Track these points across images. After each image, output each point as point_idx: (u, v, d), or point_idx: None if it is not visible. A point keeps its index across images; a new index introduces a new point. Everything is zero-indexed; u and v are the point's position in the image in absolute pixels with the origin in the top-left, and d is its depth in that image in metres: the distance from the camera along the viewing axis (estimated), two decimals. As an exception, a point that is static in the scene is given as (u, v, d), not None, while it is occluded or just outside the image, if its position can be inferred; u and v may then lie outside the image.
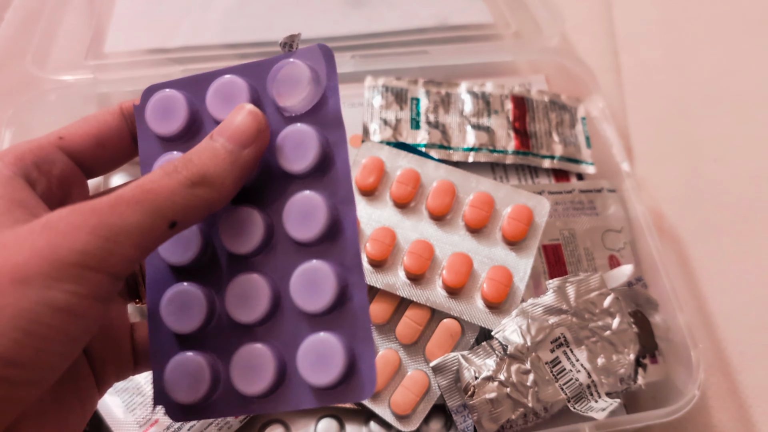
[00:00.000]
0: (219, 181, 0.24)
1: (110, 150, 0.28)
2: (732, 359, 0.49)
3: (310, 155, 0.27)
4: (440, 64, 0.51)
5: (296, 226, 0.27)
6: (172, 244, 0.28)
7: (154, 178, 0.23)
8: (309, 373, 0.26)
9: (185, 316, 0.27)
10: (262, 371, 0.26)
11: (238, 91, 0.28)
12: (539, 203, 0.42)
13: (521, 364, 0.37)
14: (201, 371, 0.27)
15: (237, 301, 0.27)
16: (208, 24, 0.54)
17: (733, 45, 0.64)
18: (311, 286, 0.26)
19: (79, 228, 0.21)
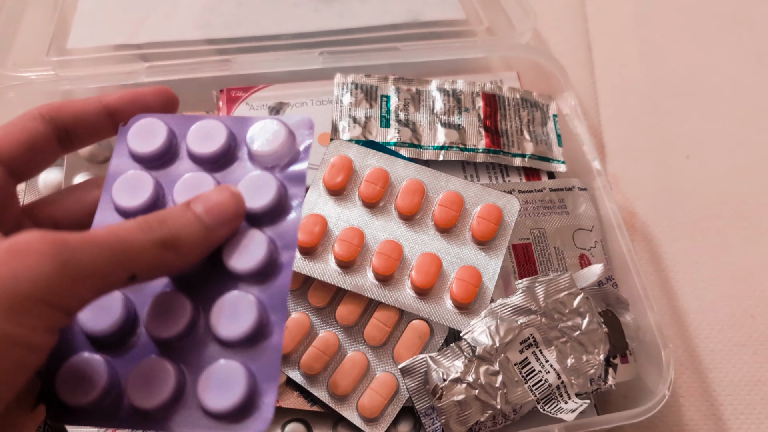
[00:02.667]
0: (187, 249, 0.25)
1: (39, 154, 0.27)
2: (703, 357, 0.49)
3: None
4: (411, 60, 0.51)
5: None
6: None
7: (128, 229, 0.23)
8: (207, 395, 0.25)
9: (100, 320, 0.27)
10: (160, 386, 0.25)
11: (217, 131, 0.29)
12: (509, 202, 0.42)
13: (490, 366, 0.36)
14: (96, 374, 0.26)
15: (158, 317, 0.27)
16: (175, 19, 0.53)
17: (705, 41, 0.64)
18: (232, 314, 0.26)
19: (45, 261, 0.21)
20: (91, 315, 0.27)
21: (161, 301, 0.27)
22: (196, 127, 0.30)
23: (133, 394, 0.25)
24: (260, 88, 0.48)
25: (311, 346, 0.39)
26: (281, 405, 0.39)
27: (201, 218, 0.25)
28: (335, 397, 0.38)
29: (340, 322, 0.40)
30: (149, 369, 0.26)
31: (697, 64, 0.63)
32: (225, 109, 0.47)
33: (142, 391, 0.25)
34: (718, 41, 0.64)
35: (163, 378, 0.26)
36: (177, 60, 0.48)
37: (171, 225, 0.24)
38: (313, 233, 0.40)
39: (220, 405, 0.25)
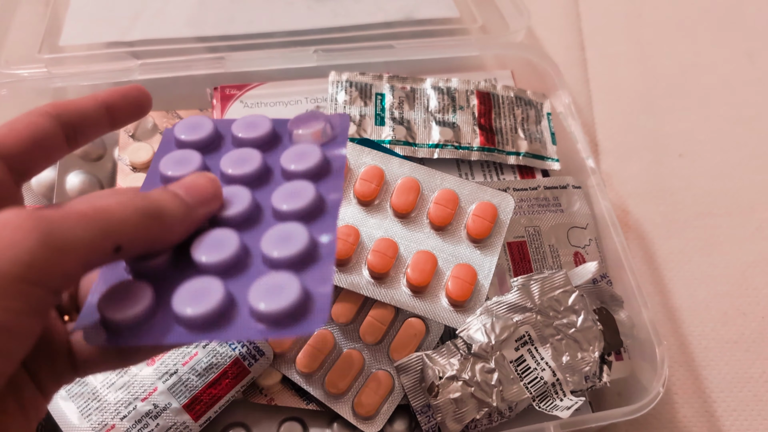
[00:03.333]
0: (170, 221, 0.25)
1: (45, 150, 0.27)
2: (696, 354, 0.49)
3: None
4: (405, 58, 0.51)
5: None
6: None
7: (107, 201, 0.23)
8: (258, 301, 0.25)
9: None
10: (206, 296, 0.25)
11: (261, 122, 0.32)
12: (504, 200, 0.42)
13: (485, 363, 0.36)
14: (140, 291, 0.26)
15: (202, 247, 0.27)
16: (168, 17, 0.52)
17: (697, 40, 0.64)
18: (282, 240, 0.27)
19: (26, 235, 0.20)
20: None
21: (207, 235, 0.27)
22: (241, 119, 0.32)
23: (179, 305, 0.25)
24: (254, 86, 0.48)
25: (307, 344, 0.39)
26: (276, 404, 0.39)
27: (181, 196, 0.26)
28: (331, 395, 0.38)
29: (336, 320, 0.40)
30: (196, 286, 0.26)
31: (689, 62, 0.63)
32: (219, 106, 0.47)
33: (188, 302, 0.25)
34: (709, 40, 0.64)
35: (211, 291, 0.25)
36: (170, 57, 0.48)
37: (154, 198, 0.25)
38: (308, 231, 0.40)
39: (272, 307, 0.25)
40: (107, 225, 0.22)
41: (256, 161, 0.30)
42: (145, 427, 0.37)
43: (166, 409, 0.37)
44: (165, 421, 0.37)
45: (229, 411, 0.39)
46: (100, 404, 0.37)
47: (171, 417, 0.37)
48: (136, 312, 0.25)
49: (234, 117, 0.47)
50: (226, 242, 0.27)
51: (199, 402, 0.38)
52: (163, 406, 0.37)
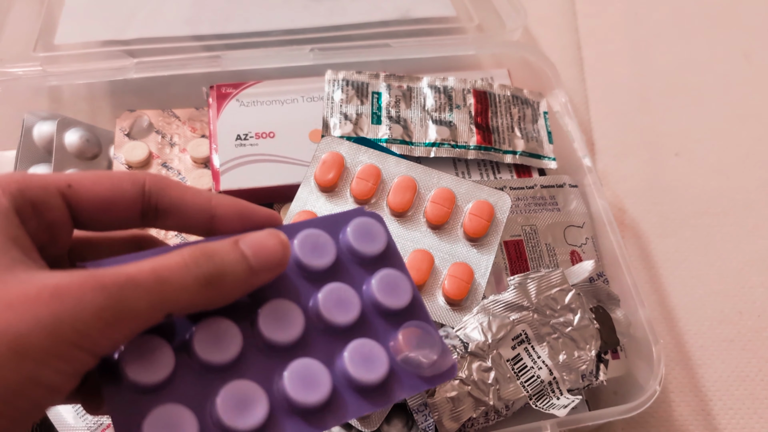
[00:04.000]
0: (229, 288, 0.24)
1: (113, 216, 0.26)
2: (693, 353, 0.49)
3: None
4: (402, 57, 0.51)
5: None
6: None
7: (171, 266, 0.22)
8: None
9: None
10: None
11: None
12: (500, 199, 0.42)
13: (482, 362, 0.36)
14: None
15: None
16: (163, 15, 0.52)
17: (693, 39, 0.65)
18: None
19: (85, 306, 0.20)
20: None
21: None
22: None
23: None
24: (251, 84, 0.48)
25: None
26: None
27: (248, 258, 0.24)
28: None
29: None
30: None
31: (686, 61, 0.63)
32: (215, 105, 0.47)
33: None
34: (705, 39, 0.65)
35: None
36: (165, 56, 0.48)
37: (218, 261, 0.24)
38: (305, 230, 0.40)
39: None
40: (166, 295, 0.22)
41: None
42: None
43: None
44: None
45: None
46: (96, 404, 0.37)
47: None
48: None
49: (229, 115, 0.47)
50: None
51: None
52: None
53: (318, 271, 0.29)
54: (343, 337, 0.28)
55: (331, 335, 0.28)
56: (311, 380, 0.26)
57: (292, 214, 0.41)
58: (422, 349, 0.28)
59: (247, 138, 0.46)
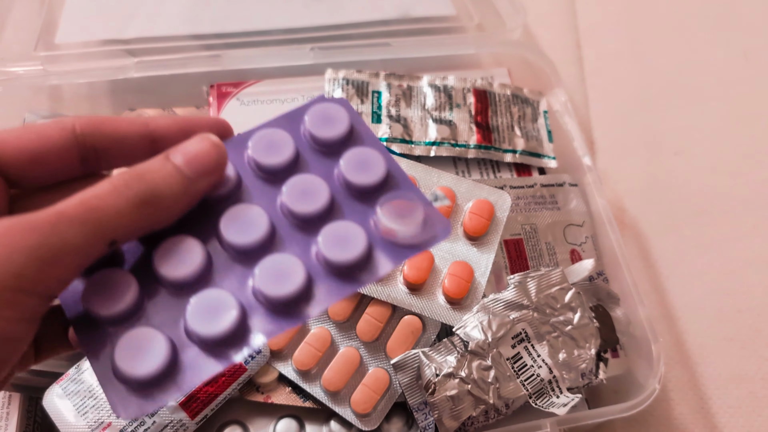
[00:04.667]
0: (168, 203, 0.23)
1: (46, 168, 0.25)
2: (692, 351, 0.49)
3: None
4: (402, 56, 0.51)
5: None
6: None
7: (100, 194, 0.22)
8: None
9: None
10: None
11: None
12: (500, 198, 0.42)
13: (482, 361, 0.36)
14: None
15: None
16: (164, 14, 0.52)
17: (693, 38, 0.64)
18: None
19: (16, 249, 0.20)
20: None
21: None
22: (358, 150, 0.29)
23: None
24: (251, 83, 0.48)
25: (304, 342, 0.39)
26: (273, 401, 0.39)
27: (181, 169, 0.24)
28: (328, 393, 0.38)
29: (333, 318, 0.40)
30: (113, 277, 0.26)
31: (685, 60, 0.63)
32: (215, 104, 0.47)
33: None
34: (705, 38, 0.64)
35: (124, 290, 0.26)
36: (166, 55, 0.48)
37: (149, 180, 0.23)
38: (305, 229, 0.40)
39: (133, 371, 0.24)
40: (100, 226, 0.22)
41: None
42: (141, 425, 0.37)
43: (162, 406, 0.37)
44: (161, 419, 0.37)
45: (225, 408, 0.39)
46: (96, 402, 0.37)
47: (167, 414, 0.37)
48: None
49: (230, 114, 0.47)
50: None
51: (196, 400, 0.37)
52: (159, 404, 0.37)
53: (278, 169, 0.29)
54: (316, 226, 0.28)
55: (302, 228, 0.28)
56: (283, 273, 0.26)
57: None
58: (406, 219, 0.27)
59: (247, 137, 0.46)
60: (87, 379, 0.38)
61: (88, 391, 0.37)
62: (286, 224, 0.28)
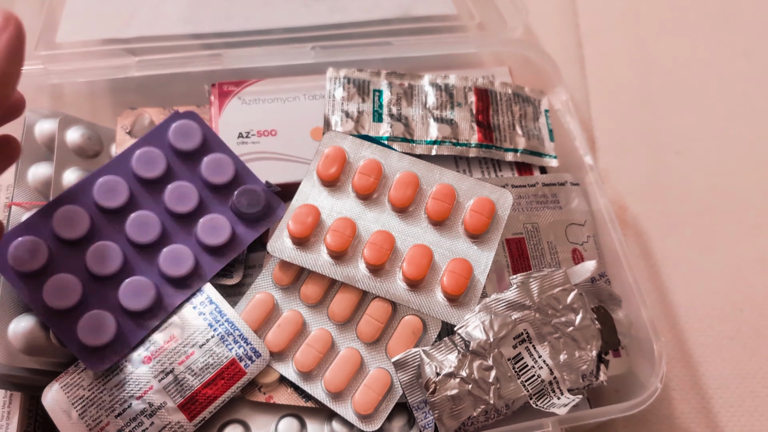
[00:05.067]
0: None
1: None
2: (693, 350, 0.49)
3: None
4: (403, 55, 0.51)
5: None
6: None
7: None
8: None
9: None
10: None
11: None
12: (502, 196, 0.42)
13: (483, 361, 0.36)
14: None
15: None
16: (165, 13, 0.52)
17: (694, 37, 0.64)
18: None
19: None
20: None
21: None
22: (214, 156, 0.43)
23: (48, 290, 0.37)
24: (252, 82, 0.48)
25: (304, 344, 0.39)
26: (275, 401, 0.39)
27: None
28: (329, 394, 0.38)
29: (333, 319, 0.40)
30: (64, 281, 0.38)
31: (687, 60, 0.63)
32: (217, 103, 0.47)
33: (54, 293, 0.37)
34: (706, 37, 0.64)
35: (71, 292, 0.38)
36: (167, 54, 0.48)
37: None
38: (306, 224, 0.40)
39: (89, 341, 0.37)
40: None
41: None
42: (140, 426, 0.37)
43: (161, 408, 0.37)
44: (160, 420, 0.37)
45: (226, 408, 0.39)
46: (95, 401, 0.37)
47: (166, 416, 0.37)
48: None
49: (232, 113, 0.47)
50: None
51: (194, 402, 0.37)
52: (158, 405, 0.37)
53: (157, 179, 0.41)
54: (193, 220, 0.40)
55: (184, 224, 0.41)
56: (179, 258, 0.39)
57: (293, 208, 0.41)
58: (253, 203, 0.41)
59: (249, 136, 0.46)
60: (86, 378, 0.38)
61: (87, 390, 0.37)
62: (171, 221, 0.40)
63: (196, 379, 0.38)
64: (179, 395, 0.37)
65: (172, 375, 0.38)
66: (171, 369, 0.38)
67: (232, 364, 0.38)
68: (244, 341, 0.39)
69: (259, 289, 0.41)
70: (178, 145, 0.41)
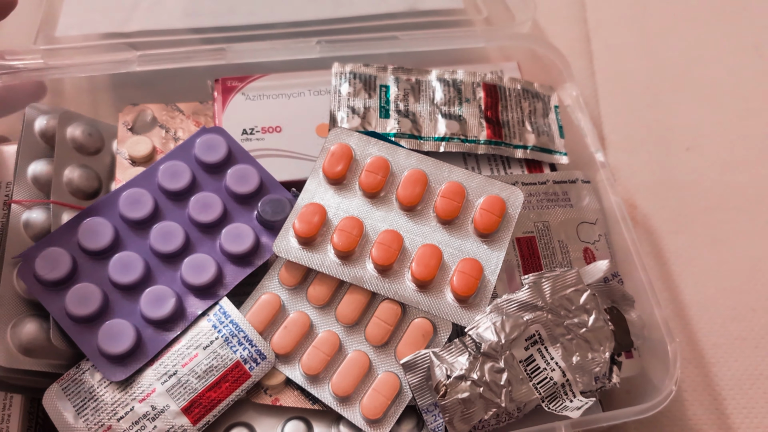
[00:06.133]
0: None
1: None
2: (705, 351, 0.48)
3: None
4: (410, 50, 0.50)
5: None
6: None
7: None
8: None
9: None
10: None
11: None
12: (513, 194, 0.41)
13: (495, 363, 0.36)
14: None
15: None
16: (166, 7, 0.51)
17: (703, 32, 0.64)
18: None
19: None
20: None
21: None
22: (238, 167, 0.42)
23: (71, 299, 0.38)
24: (256, 77, 0.47)
25: (311, 346, 0.38)
26: (281, 404, 0.38)
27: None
28: (337, 398, 0.37)
29: (341, 321, 0.39)
30: (86, 290, 0.38)
31: (696, 55, 0.62)
32: (220, 99, 0.46)
33: (76, 302, 0.38)
34: (716, 32, 0.64)
35: (92, 301, 0.38)
36: (168, 49, 0.47)
37: None
38: (312, 223, 0.39)
39: (109, 349, 0.37)
40: None
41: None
42: (143, 429, 0.36)
43: (164, 411, 0.36)
44: (163, 424, 0.36)
45: (231, 411, 0.38)
46: (97, 404, 0.37)
47: (169, 419, 0.36)
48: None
49: (235, 109, 0.46)
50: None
51: (198, 405, 0.37)
52: (161, 408, 0.37)
53: (182, 191, 0.41)
54: (217, 229, 0.40)
55: (208, 234, 0.41)
56: (201, 267, 0.39)
57: (299, 207, 0.40)
58: (278, 211, 0.41)
59: (253, 132, 0.45)
60: (87, 380, 0.37)
61: (89, 393, 0.37)
62: (195, 231, 0.40)
63: (200, 382, 0.37)
64: (183, 398, 0.37)
65: (176, 377, 0.37)
66: (174, 371, 0.37)
67: (236, 366, 0.37)
68: (249, 343, 0.38)
69: (265, 290, 0.40)
70: (204, 158, 0.42)
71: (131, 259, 0.39)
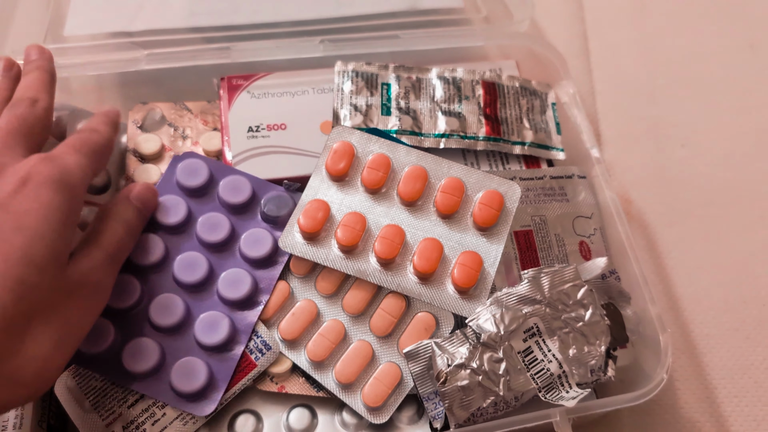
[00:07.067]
0: (136, 230, 0.40)
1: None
2: (697, 341, 0.49)
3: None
4: (411, 48, 0.51)
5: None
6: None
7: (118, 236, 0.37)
8: (176, 379, 0.38)
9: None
10: (147, 359, 0.38)
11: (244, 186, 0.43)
12: (510, 188, 0.42)
13: (494, 353, 0.37)
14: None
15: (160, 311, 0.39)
16: (172, 7, 0.52)
17: (699, 30, 0.65)
18: (211, 328, 0.39)
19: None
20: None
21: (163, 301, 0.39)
22: (228, 180, 0.43)
23: (127, 360, 0.37)
24: (261, 76, 0.48)
25: (318, 334, 0.39)
26: (287, 391, 0.39)
27: (138, 207, 0.39)
28: (340, 385, 0.39)
29: (347, 311, 0.40)
30: (141, 345, 0.38)
31: (692, 53, 0.63)
32: (226, 97, 0.47)
33: (133, 359, 0.37)
34: (712, 30, 0.65)
35: (150, 353, 0.38)
36: (174, 48, 0.48)
37: (125, 216, 0.38)
38: (316, 219, 0.40)
39: (186, 388, 0.37)
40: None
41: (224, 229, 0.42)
42: (152, 417, 0.37)
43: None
44: (171, 411, 0.38)
45: (238, 398, 0.39)
46: (107, 392, 0.38)
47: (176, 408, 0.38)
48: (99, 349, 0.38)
49: (241, 107, 0.47)
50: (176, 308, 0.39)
51: (206, 394, 0.38)
52: (170, 396, 0.38)
53: (180, 224, 0.41)
54: (233, 243, 0.42)
55: (226, 251, 0.41)
56: (237, 282, 0.40)
57: (303, 203, 0.41)
58: (282, 206, 0.42)
59: (258, 130, 0.46)
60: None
61: (100, 381, 0.38)
62: (211, 253, 0.41)
63: (209, 371, 0.38)
64: (192, 386, 0.38)
65: (185, 366, 0.38)
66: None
67: (242, 356, 0.39)
68: (254, 334, 0.39)
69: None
70: (188, 183, 0.42)
71: (169, 300, 0.39)
